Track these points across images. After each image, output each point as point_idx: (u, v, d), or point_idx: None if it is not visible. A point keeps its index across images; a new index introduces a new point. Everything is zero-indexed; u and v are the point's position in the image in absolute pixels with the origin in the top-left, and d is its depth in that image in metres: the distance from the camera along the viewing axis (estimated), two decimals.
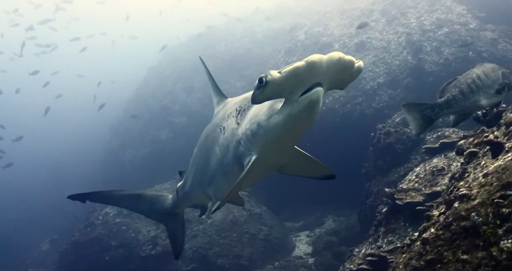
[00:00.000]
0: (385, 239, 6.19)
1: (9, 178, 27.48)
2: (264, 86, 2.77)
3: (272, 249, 12.31)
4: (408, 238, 4.89)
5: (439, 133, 9.10)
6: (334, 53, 2.76)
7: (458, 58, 12.82)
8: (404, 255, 3.96)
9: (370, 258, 5.90)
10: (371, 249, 6.34)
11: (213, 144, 3.99)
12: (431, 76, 12.89)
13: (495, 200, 2.88)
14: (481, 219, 2.89)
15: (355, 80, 3.13)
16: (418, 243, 3.65)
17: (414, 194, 6.36)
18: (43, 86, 25.92)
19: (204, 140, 4.36)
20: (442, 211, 3.80)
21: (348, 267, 6.54)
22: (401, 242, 5.39)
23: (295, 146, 3.52)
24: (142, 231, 12.60)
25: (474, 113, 5.41)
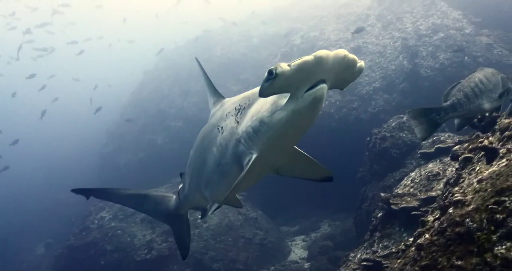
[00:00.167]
0: (381, 244, 6.19)
1: (5, 181, 27.33)
2: (273, 79, 2.77)
3: (268, 254, 12.29)
4: (403, 243, 4.90)
5: (434, 138, 9.08)
6: (340, 50, 2.79)
7: (454, 63, 12.86)
8: (399, 261, 3.97)
9: (365, 263, 5.88)
10: (366, 254, 6.32)
11: (211, 145, 3.95)
12: (426, 81, 12.93)
13: (489, 206, 2.88)
14: (475, 225, 2.89)
15: (351, 84, 3.17)
16: (413, 249, 3.65)
17: (409, 199, 6.36)
18: (39, 90, 25.85)
19: (201, 141, 4.31)
20: (437, 216, 3.81)
21: None
22: (396, 248, 5.40)
23: (294, 146, 3.51)
24: (138, 235, 12.57)
25: (476, 118, 5.44)
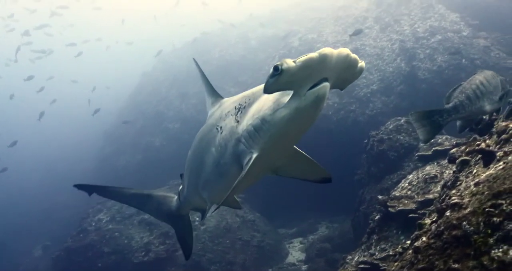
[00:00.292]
0: (378, 247, 6.19)
1: (3, 183, 27.28)
2: (279, 75, 2.77)
3: (265, 256, 12.27)
4: (400, 246, 4.89)
5: (432, 140, 9.09)
6: (343, 49, 2.82)
7: (451, 66, 12.87)
8: (396, 264, 3.97)
9: (362, 265, 5.89)
10: (363, 256, 6.33)
11: (209, 145, 3.94)
12: (424, 83, 12.94)
13: (486, 209, 2.88)
14: (472, 228, 2.88)
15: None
16: (410, 252, 3.65)
17: (406, 201, 6.37)
18: (38, 92, 25.83)
19: (199, 141, 4.29)
20: (434, 219, 3.81)
21: None
22: (393, 250, 5.40)
23: (294, 146, 3.52)
24: (135, 237, 12.54)
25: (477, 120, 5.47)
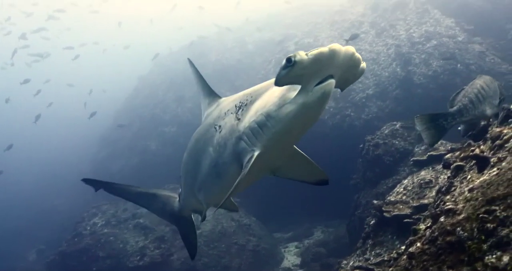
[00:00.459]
0: (373, 252, 6.19)
1: None
2: (291, 66, 2.78)
3: (261, 260, 12.25)
4: (395, 251, 4.90)
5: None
6: (349, 47, 2.85)
7: (447, 71, 12.89)
8: (390, 269, 3.96)
9: (357, 270, 5.89)
10: (359, 261, 6.33)
11: (206, 145, 3.91)
12: (419, 88, 12.95)
13: (480, 215, 2.88)
14: (466, 234, 2.89)
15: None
16: (405, 257, 3.64)
17: (401, 206, 6.37)
18: (34, 95, 25.74)
19: (195, 142, 4.26)
20: (428, 225, 3.81)
21: None
22: (388, 255, 5.40)
23: (294, 146, 3.52)
24: (130, 241, 12.50)
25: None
